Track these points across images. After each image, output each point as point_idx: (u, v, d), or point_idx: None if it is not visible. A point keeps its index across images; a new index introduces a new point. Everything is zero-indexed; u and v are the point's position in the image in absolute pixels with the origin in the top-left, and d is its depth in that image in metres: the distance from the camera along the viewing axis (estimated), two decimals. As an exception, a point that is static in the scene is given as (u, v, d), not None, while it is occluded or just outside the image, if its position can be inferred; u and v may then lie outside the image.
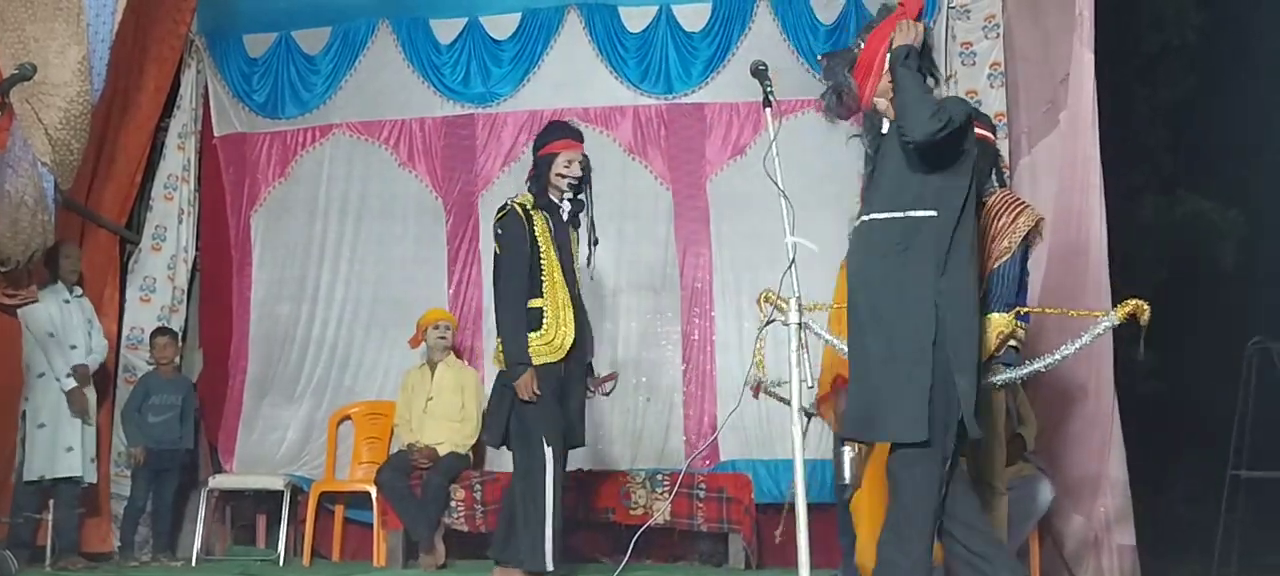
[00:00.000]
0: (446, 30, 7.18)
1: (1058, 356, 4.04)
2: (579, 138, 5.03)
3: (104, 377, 6.38)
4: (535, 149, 5.02)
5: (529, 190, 4.95)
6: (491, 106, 7.09)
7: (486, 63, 7.10)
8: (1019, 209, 4.16)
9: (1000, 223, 4.10)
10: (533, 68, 7.03)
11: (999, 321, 4.06)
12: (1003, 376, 4.09)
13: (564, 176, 4.89)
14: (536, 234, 4.84)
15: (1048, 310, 4.90)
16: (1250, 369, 6.72)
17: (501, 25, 7.13)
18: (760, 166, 3.57)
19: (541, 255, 4.83)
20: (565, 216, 4.97)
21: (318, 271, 7.07)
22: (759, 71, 3.74)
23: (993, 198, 4.18)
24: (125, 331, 6.75)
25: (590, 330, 5.10)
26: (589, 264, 5.10)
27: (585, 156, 4.98)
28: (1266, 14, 8.37)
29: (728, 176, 6.81)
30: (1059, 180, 5.59)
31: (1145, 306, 3.92)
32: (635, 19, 7.02)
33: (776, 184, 3.46)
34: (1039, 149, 6.05)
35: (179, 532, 6.61)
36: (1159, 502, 7.14)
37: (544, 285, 4.80)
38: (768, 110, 3.64)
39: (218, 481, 6.54)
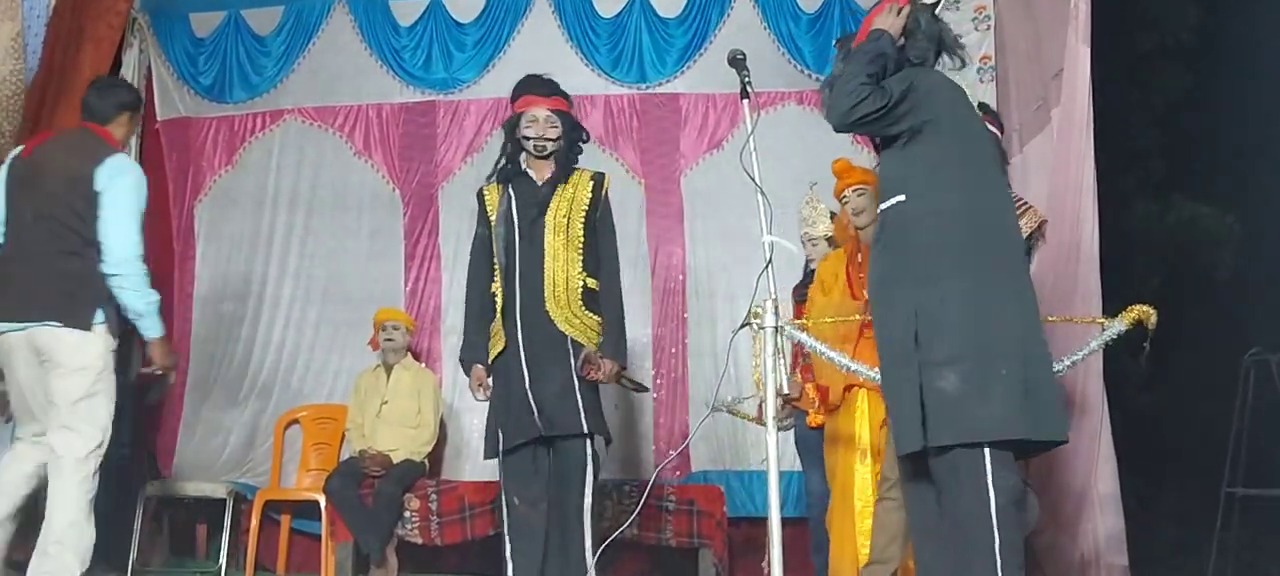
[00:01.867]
0: (407, 11, 7.12)
1: (1063, 366, 3.96)
2: (548, 92, 4.59)
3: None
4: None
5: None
6: (454, 93, 7.03)
7: (449, 47, 7.05)
8: (1022, 209, 4.17)
9: None
10: (498, 53, 6.98)
11: None
12: None
13: (528, 138, 4.52)
14: (489, 211, 4.58)
15: (1049, 319, 4.86)
16: (1247, 381, 6.72)
17: (465, 7, 7.08)
18: (737, 161, 3.55)
19: (494, 235, 4.54)
20: (541, 181, 4.55)
21: (265, 266, 6.98)
22: (737, 61, 3.71)
23: None
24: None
25: (584, 302, 4.46)
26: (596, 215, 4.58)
27: (565, 115, 4.58)
28: (1265, 13, 8.41)
29: (703, 171, 6.79)
30: (1051, 181, 5.59)
31: (1151, 312, 3.88)
32: (608, 3, 6.98)
33: (754, 180, 3.43)
34: (1030, 147, 6.08)
35: (112, 543, 6.47)
36: (1149, 521, 7.15)
37: (497, 268, 4.52)
38: (745, 102, 3.62)
39: (155, 488, 6.43)
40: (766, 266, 3.33)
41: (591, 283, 4.50)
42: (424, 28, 7.08)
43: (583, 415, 4.37)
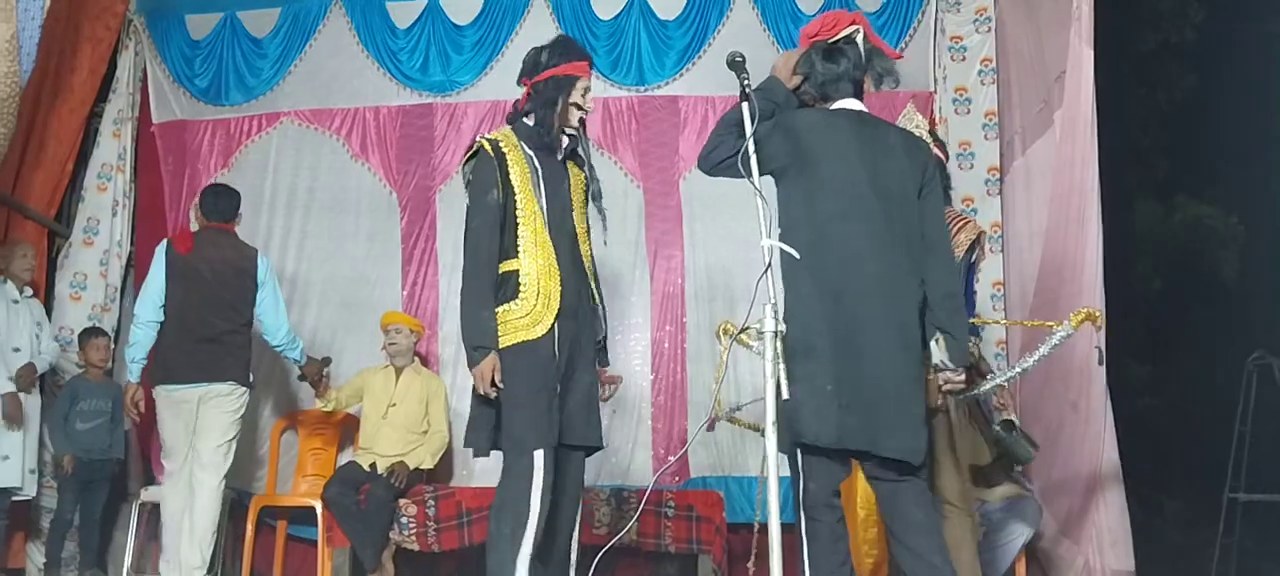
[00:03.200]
0: (404, 13, 7.11)
1: (1016, 371, 4.27)
2: (593, 65, 4.35)
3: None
4: (539, 68, 4.15)
5: (525, 119, 4.16)
6: (451, 96, 7.02)
7: (447, 49, 7.05)
8: (960, 224, 4.29)
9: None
10: (496, 55, 6.97)
11: None
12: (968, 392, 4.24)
13: (581, 108, 4.14)
14: (512, 176, 4.03)
15: (1002, 321, 4.99)
16: (1250, 385, 6.74)
17: (463, 9, 7.08)
18: (736, 164, 3.55)
19: (519, 204, 4.01)
20: (559, 155, 4.17)
21: (262, 269, 6.96)
22: (736, 63, 3.69)
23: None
24: (53, 331, 6.64)
25: (600, 301, 4.30)
26: (602, 216, 4.34)
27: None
28: (1270, 11, 8.41)
29: (702, 175, 6.73)
30: (1054, 183, 5.57)
31: (1098, 314, 4.15)
32: (606, 5, 6.97)
33: (753, 183, 3.42)
34: (1033, 150, 6.05)
35: (108, 548, 6.51)
36: (1152, 526, 7.16)
37: (521, 242, 3.99)
38: (745, 104, 3.60)
39: (150, 493, 6.34)
40: (766, 270, 3.32)
41: None
42: (421, 30, 7.08)
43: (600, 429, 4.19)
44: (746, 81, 3.64)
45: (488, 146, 4.05)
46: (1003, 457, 4.75)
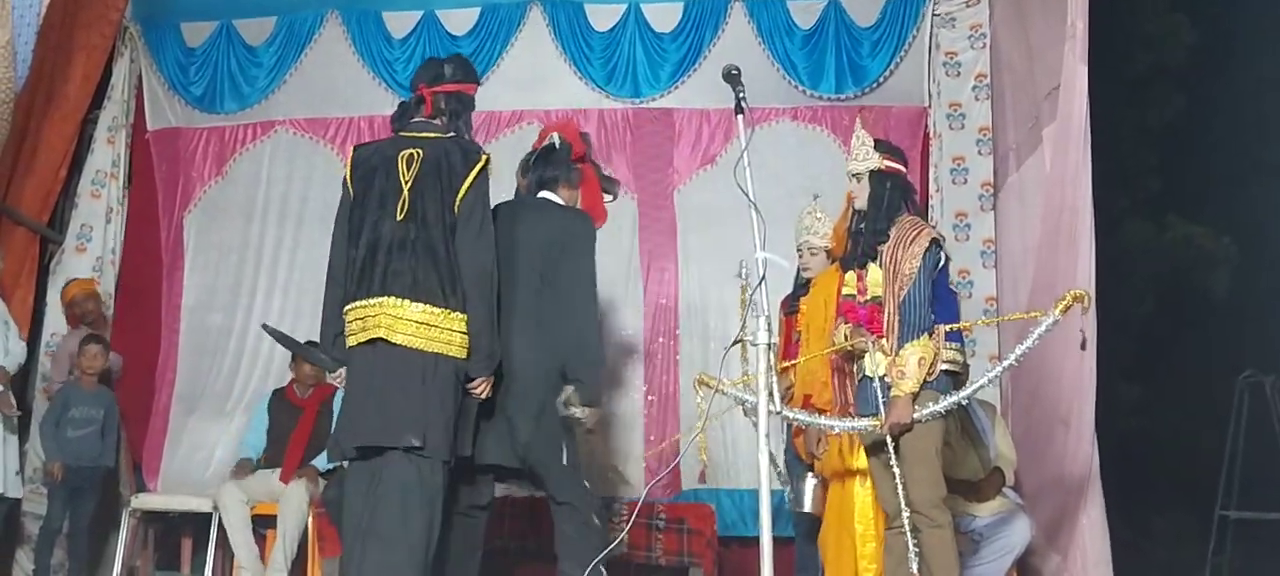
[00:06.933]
0: (400, 23, 7.12)
1: (1009, 361, 4.08)
2: None
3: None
4: (443, 79, 4.55)
5: (448, 131, 4.50)
6: (445, 106, 7.01)
7: (443, 59, 7.04)
8: (916, 232, 4.14)
9: (899, 252, 4.11)
10: (491, 66, 6.96)
11: (917, 348, 4.02)
12: (941, 404, 4.07)
13: None
14: None
15: (983, 321, 4.98)
16: (1241, 404, 6.75)
17: (459, 20, 7.08)
18: (731, 177, 3.53)
19: None
20: None
21: (254, 278, 6.97)
22: (731, 76, 3.68)
23: (895, 228, 4.19)
24: (45, 337, 6.62)
25: None
26: None
27: None
28: (1261, 33, 8.45)
29: (696, 187, 6.78)
30: (1045, 200, 5.56)
31: (1084, 294, 4.00)
32: (602, 17, 6.97)
33: (748, 196, 3.40)
34: (1027, 167, 6.04)
35: (98, 556, 6.46)
36: (1143, 544, 7.15)
37: None
38: (740, 117, 3.59)
39: (140, 501, 6.37)
40: (759, 283, 3.30)
41: None
42: (417, 40, 7.07)
43: None
44: (742, 94, 3.64)
45: None
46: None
